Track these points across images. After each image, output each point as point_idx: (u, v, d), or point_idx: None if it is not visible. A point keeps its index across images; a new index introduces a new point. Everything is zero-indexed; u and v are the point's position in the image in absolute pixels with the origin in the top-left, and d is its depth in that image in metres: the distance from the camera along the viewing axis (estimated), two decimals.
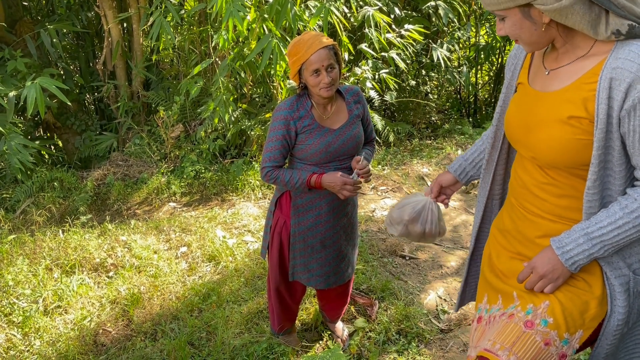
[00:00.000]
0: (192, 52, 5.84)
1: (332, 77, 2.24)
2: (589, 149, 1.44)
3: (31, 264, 3.60)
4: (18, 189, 5.07)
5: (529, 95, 1.61)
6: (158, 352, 2.90)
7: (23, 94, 4.66)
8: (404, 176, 5.45)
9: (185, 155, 5.51)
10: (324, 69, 2.21)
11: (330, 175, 2.34)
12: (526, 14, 1.41)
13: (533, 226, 1.66)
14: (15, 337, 3.03)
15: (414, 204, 2.05)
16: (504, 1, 1.38)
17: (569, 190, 1.55)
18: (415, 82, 7.15)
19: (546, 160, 1.53)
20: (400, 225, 2.06)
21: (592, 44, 1.44)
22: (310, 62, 2.20)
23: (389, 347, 2.95)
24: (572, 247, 1.49)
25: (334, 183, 2.33)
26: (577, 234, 1.49)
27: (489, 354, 1.54)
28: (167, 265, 3.74)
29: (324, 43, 2.21)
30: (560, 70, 1.52)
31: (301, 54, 2.22)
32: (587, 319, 1.56)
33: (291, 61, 2.29)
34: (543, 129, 1.52)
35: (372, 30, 5.16)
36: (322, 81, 2.22)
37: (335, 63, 2.25)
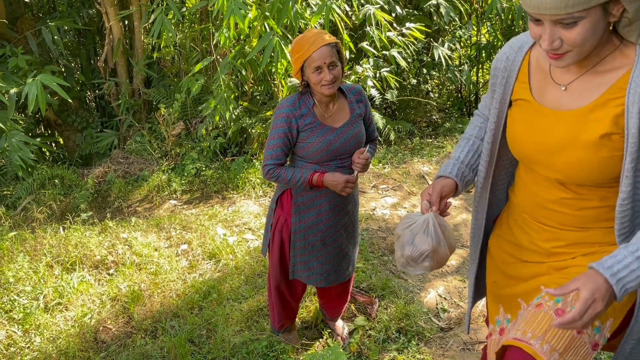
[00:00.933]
0: (193, 50, 5.84)
1: (334, 74, 2.23)
2: (620, 162, 1.39)
3: (32, 261, 3.60)
4: (19, 186, 5.07)
5: (541, 115, 1.50)
6: (158, 350, 2.91)
7: (24, 91, 4.66)
8: (405, 175, 5.45)
9: (186, 153, 5.51)
10: (325, 67, 2.21)
11: (332, 174, 2.34)
12: (606, 10, 1.24)
13: (553, 237, 1.61)
14: (16, 333, 3.04)
15: (422, 228, 1.66)
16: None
17: (595, 202, 1.50)
18: (416, 81, 7.15)
19: (574, 180, 1.47)
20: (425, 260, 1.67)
21: (608, 51, 1.37)
22: (313, 59, 2.20)
23: (389, 345, 2.95)
24: (625, 273, 1.31)
25: (336, 181, 2.34)
26: (628, 259, 1.32)
27: (521, 343, 1.45)
28: (168, 262, 3.74)
29: (326, 40, 2.21)
30: (575, 84, 1.44)
31: (303, 51, 2.22)
32: (617, 306, 1.51)
33: (294, 58, 2.29)
34: (570, 151, 1.43)
35: (373, 28, 5.16)
36: (324, 79, 2.22)
37: (337, 61, 2.25)
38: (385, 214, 4.63)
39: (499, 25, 7.42)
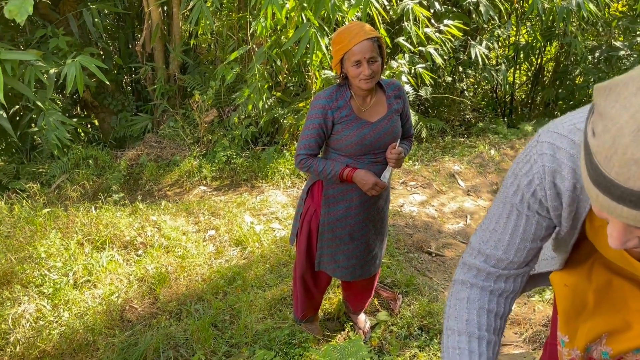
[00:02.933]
0: (230, 38, 5.87)
1: (373, 69, 2.20)
2: None
3: (63, 238, 3.68)
4: (54, 165, 5.18)
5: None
6: (182, 332, 2.95)
7: (63, 72, 4.75)
8: (435, 172, 5.41)
9: (218, 140, 5.55)
10: (365, 61, 2.18)
11: (363, 172, 2.33)
12: None
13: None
14: (45, 307, 3.11)
15: None
16: None
17: None
18: (451, 79, 7.08)
19: None
20: None
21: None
22: (353, 52, 2.18)
23: (411, 342, 2.94)
24: None
25: (365, 181, 2.33)
26: None
27: None
28: (195, 247, 3.78)
29: (368, 34, 2.17)
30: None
31: (344, 44, 2.20)
32: None
33: (334, 50, 2.27)
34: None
35: (410, 24, 5.12)
36: (362, 73, 2.19)
37: (377, 56, 2.22)
38: (413, 210, 4.61)
39: (539, 26, 7.29)
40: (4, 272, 3.28)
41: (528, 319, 3.14)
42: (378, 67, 2.23)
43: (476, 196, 5.10)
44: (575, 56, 7.37)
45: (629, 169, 0.72)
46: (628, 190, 0.74)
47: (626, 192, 0.74)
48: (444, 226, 4.44)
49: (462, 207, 4.82)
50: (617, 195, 0.75)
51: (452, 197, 5.02)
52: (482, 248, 1.22)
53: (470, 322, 1.18)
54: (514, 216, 1.15)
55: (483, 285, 1.21)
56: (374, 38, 2.20)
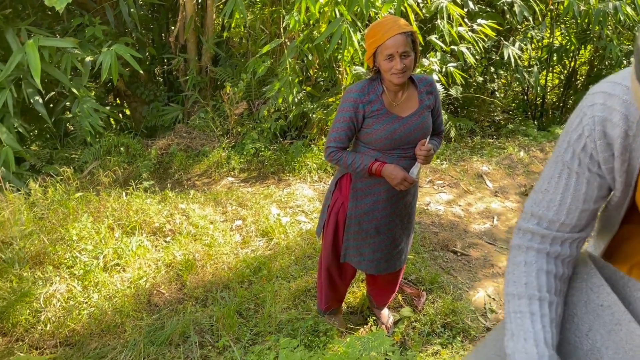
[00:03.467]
0: (262, 32, 5.91)
1: (405, 64, 2.19)
2: None
3: (95, 222, 3.76)
4: (86, 151, 5.29)
5: None
6: (207, 318, 3.00)
7: (99, 60, 4.85)
8: (462, 172, 5.39)
9: (247, 132, 5.60)
10: (397, 55, 2.17)
11: (392, 167, 2.34)
12: None
13: None
14: (76, 288, 3.19)
15: None
16: None
17: None
18: (482, 79, 7.02)
19: None
20: None
21: None
22: (386, 46, 2.18)
23: (433, 339, 2.95)
24: None
25: (393, 175, 2.33)
26: None
27: None
28: (222, 236, 3.83)
29: (402, 29, 2.17)
30: None
31: (378, 37, 2.20)
32: None
33: (367, 43, 2.28)
34: None
35: (444, 22, 5.10)
36: (394, 67, 2.19)
37: (410, 51, 2.21)
38: (439, 209, 4.60)
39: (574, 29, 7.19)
40: (37, 252, 3.37)
41: None
42: (410, 62, 2.23)
43: (504, 197, 5.06)
44: (610, 60, 7.24)
45: None
46: None
47: None
48: (470, 226, 4.42)
49: (489, 207, 4.79)
50: None
51: (479, 197, 4.99)
52: (534, 210, 1.19)
53: (529, 284, 1.15)
54: (565, 175, 1.12)
55: (539, 248, 1.18)
56: (407, 32, 2.19)
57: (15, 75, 4.78)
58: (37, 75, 4.38)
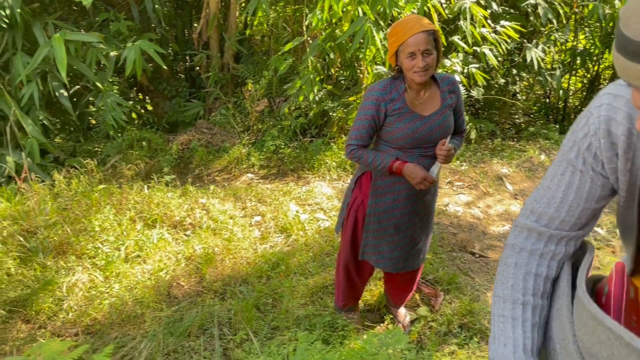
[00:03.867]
0: (285, 30, 5.95)
1: (428, 62, 2.19)
2: None
3: (117, 214, 3.81)
4: (109, 145, 5.37)
5: None
6: (226, 311, 3.03)
7: (123, 55, 4.91)
8: (482, 174, 5.37)
9: (267, 129, 5.64)
10: (419, 53, 2.17)
11: (413, 166, 2.34)
12: None
13: None
14: (97, 278, 3.24)
15: None
16: None
17: None
18: (504, 81, 6.98)
19: None
20: None
21: None
22: (408, 44, 2.18)
23: (450, 339, 2.95)
24: None
25: (414, 175, 2.34)
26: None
27: None
28: (241, 231, 3.87)
29: (424, 27, 2.17)
30: None
31: (400, 35, 2.20)
32: None
33: (390, 41, 2.28)
34: None
35: (467, 23, 5.08)
36: (416, 65, 2.18)
37: (433, 49, 2.20)
38: (457, 210, 4.59)
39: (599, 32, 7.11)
40: (61, 242, 3.44)
41: None
42: (433, 60, 2.22)
43: (523, 200, 5.03)
44: None
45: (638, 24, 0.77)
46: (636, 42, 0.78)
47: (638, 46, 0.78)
48: (489, 228, 4.41)
49: (508, 210, 4.77)
50: (632, 52, 0.79)
51: (498, 199, 4.97)
52: (534, 207, 1.19)
53: (515, 287, 1.16)
54: (569, 172, 1.12)
55: (532, 249, 1.18)
56: (430, 31, 2.19)
57: (42, 69, 4.87)
58: (63, 68, 4.45)
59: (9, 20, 4.67)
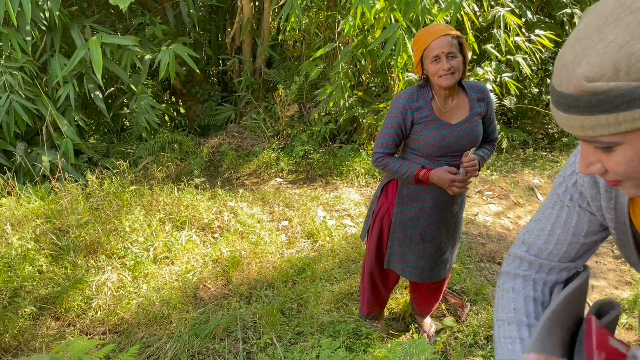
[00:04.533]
0: (317, 36, 5.97)
1: (453, 65, 2.16)
2: None
3: (147, 215, 3.87)
4: (141, 146, 5.46)
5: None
6: (251, 315, 3.04)
7: (157, 58, 4.99)
8: (513, 184, 5.29)
9: (297, 134, 5.66)
10: (444, 56, 2.15)
11: (439, 171, 2.31)
12: None
13: None
14: (126, 278, 3.29)
15: None
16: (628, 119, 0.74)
17: None
18: (537, 91, 6.89)
19: None
20: None
21: None
22: (431, 48, 2.17)
23: (476, 350, 2.91)
24: None
25: (442, 180, 2.31)
26: None
27: None
28: (268, 235, 3.89)
29: (446, 31, 2.17)
30: None
31: (423, 41, 2.20)
32: None
33: (414, 50, 2.27)
34: None
35: (501, 31, 5.03)
36: (441, 68, 2.16)
37: (457, 52, 2.18)
38: (487, 220, 4.53)
39: None
40: (92, 241, 3.50)
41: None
42: (458, 63, 2.19)
43: None
44: None
45: (560, 74, 0.77)
46: (560, 93, 0.78)
47: (560, 95, 0.79)
48: None
49: None
50: (555, 100, 0.80)
51: (529, 210, 4.90)
52: (525, 237, 1.22)
53: (517, 310, 1.18)
54: (558, 207, 1.15)
55: (525, 275, 1.21)
56: (453, 35, 2.18)
57: (78, 70, 4.98)
58: (98, 71, 4.55)
59: (48, 23, 4.80)
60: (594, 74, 0.73)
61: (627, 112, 0.74)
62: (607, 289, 3.61)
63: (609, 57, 0.71)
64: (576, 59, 0.75)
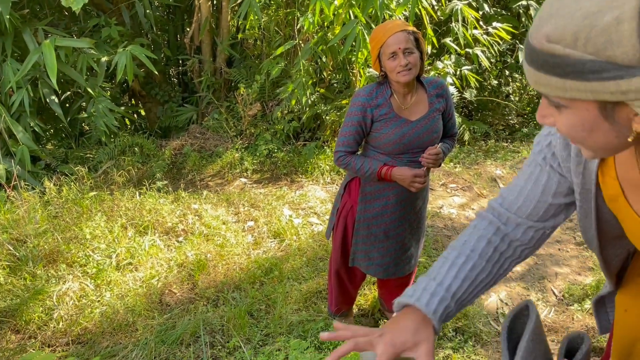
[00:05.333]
0: (277, 34, 5.93)
1: (410, 60, 2.17)
2: None
3: (108, 221, 3.79)
4: (101, 151, 5.33)
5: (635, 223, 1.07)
6: (218, 318, 3.01)
7: (114, 60, 4.89)
8: (476, 176, 5.36)
9: (260, 133, 5.62)
10: (401, 52, 2.16)
11: (401, 169, 2.33)
12: (608, 113, 0.81)
13: None
14: (88, 287, 3.21)
15: None
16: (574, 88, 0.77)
17: None
18: (497, 82, 6.99)
19: None
20: None
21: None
22: (387, 44, 2.17)
23: (444, 342, 2.93)
24: None
25: (404, 176, 2.32)
26: None
27: None
28: (234, 236, 3.85)
29: (403, 27, 2.18)
30: None
31: (379, 38, 2.21)
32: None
33: (371, 48, 2.28)
34: None
35: (459, 25, 5.08)
36: (399, 64, 2.17)
37: (414, 48, 2.20)
38: (452, 212, 4.57)
39: None
40: (51, 250, 3.41)
41: (566, 327, 3.09)
42: (415, 59, 2.20)
43: None
44: None
45: (534, 25, 0.78)
46: (528, 43, 0.80)
47: (527, 45, 0.81)
48: None
49: None
50: (527, 55, 0.81)
51: None
52: (502, 191, 1.26)
53: (466, 243, 1.21)
54: (532, 165, 1.18)
55: (492, 220, 1.24)
56: (409, 31, 2.19)
57: (32, 75, 4.84)
58: (53, 75, 4.42)
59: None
60: (555, 36, 0.73)
61: (575, 81, 0.75)
62: (571, 275, 3.68)
63: (574, 24, 0.71)
64: (548, 16, 0.75)
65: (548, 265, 3.92)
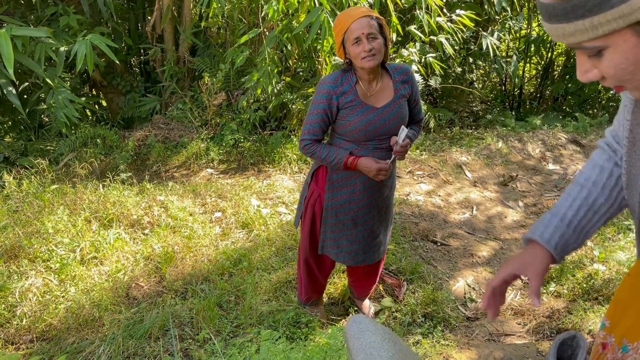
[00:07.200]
0: (241, 22, 5.85)
1: (374, 46, 2.17)
2: None
3: (71, 215, 3.70)
4: (62, 143, 5.20)
5: None
6: (187, 311, 2.97)
7: (73, 50, 4.75)
8: (442, 163, 5.41)
9: (226, 123, 5.55)
10: (364, 37, 2.16)
11: (366, 160, 2.32)
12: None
13: None
14: (52, 282, 3.13)
15: None
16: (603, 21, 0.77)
17: None
18: (461, 70, 7.05)
19: None
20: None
21: None
22: (351, 30, 2.17)
23: (414, 328, 2.96)
24: None
25: (369, 168, 2.32)
26: None
27: None
28: (202, 228, 3.80)
29: (366, 13, 2.18)
30: None
31: (342, 24, 2.20)
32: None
33: (335, 34, 2.27)
34: None
35: (423, 12, 5.09)
36: (363, 50, 2.17)
37: (377, 34, 2.19)
38: (419, 199, 4.61)
39: None
40: (12, 246, 3.31)
41: (532, 310, 3.15)
42: (379, 44, 2.20)
43: (483, 187, 5.10)
44: None
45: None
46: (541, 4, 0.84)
47: (542, 6, 0.85)
48: (449, 216, 4.44)
49: (468, 198, 4.82)
50: (541, 12, 0.85)
51: (458, 187, 5.02)
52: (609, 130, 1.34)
53: (581, 173, 1.31)
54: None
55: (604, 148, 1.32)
56: (372, 16, 2.19)
57: None
58: (10, 65, 4.27)
59: None
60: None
61: (600, 14, 0.77)
62: None
63: None
64: None
65: (513, 249, 3.99)
